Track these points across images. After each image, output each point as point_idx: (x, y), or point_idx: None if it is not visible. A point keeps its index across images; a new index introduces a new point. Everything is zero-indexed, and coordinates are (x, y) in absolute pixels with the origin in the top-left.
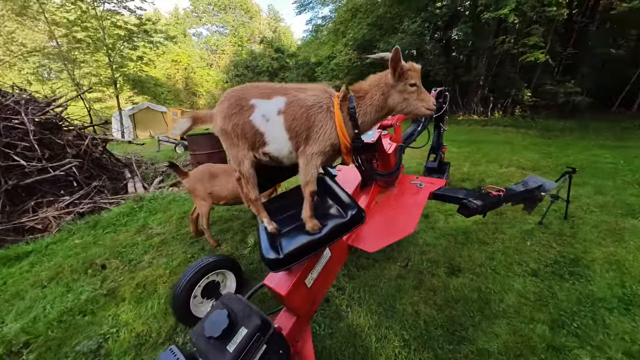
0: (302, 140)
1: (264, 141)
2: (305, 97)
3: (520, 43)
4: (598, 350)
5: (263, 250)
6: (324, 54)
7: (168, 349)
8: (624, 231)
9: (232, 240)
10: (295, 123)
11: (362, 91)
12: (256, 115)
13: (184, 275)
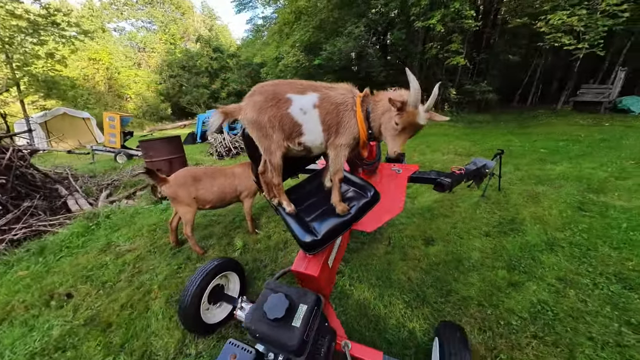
0: (332, 133)
1: (301, 132)
2: (335, 94)
3: (445, 49)
4: (540, 279)
5: (299, 235)
6: (269, 54)
7: (227, 342)
8: (539, 195)
9: (218, 244)
10: (329, 117)
11: (379, 101)
12: (294, 108)
13: (191, 283)
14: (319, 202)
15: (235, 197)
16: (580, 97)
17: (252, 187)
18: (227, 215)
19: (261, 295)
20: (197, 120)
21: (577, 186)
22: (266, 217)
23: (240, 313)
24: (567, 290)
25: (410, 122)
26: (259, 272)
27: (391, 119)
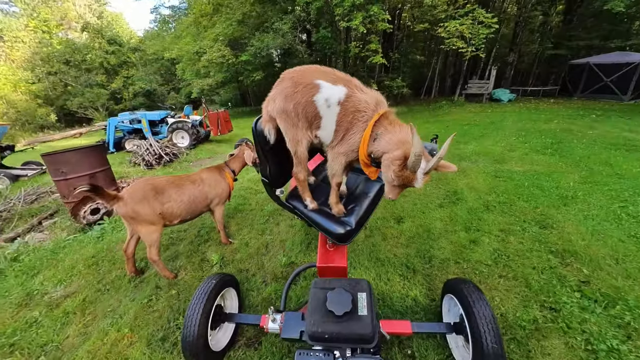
0: (339, 137)
1: (319, 125)
2: (361, 98)
3: (365, 48)
4: (489, 233)
5: (330, 229)
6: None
7: (296, 353)
8: (465, 170)
9: (189, 264)
10: (344, 119)
11: (389, 132)
12: (320, 97)
13: (193, 310)
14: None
15: (206, 207)
16: (468, 90)
17: (223, 194)
18: (189, 230)
19: (313, 298)
20: (107, 125)
21: (486, 160)
22: (235, 224)
23: (273, 325)
24: (508, 237)
25: (406, 183)
26: (249, 282)
27: (389, 167)
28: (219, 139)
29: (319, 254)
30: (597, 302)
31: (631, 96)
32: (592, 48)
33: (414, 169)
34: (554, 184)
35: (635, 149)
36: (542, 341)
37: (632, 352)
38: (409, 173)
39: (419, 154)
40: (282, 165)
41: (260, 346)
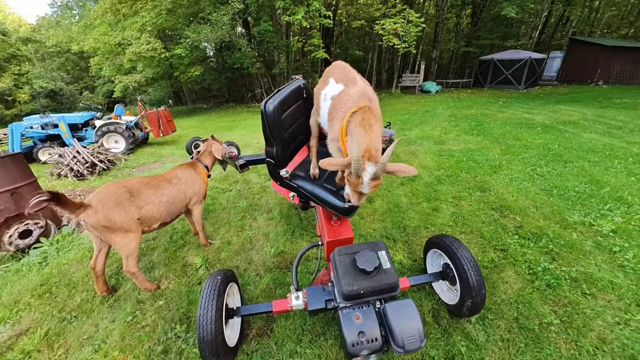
0: (331, 126)
1: (319, 112)
2: (349, 92)
3: (308, 43)
4: (446, 201)
5: (336, 204)
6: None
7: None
8: (414, 151)
9: (171, 272)
10: (332, 111)
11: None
12: (324, 91)
13: (206, 309)
14: (331, 175)
15: (185, 207)
16: (403, 83)
17: (201, 191)
18: (159, 238)
19: (340, 263)
20: (9, 133)
21: (429, 142)
22: (210, 224)
23: (297, 302)
24: (460, 202)
25: (355, 189)
26: (243, 277)
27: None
28: (161, 141)
29: (326, 230)
30: (529, 239)
31: (524, 86)
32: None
33: (357, 173)
34: (484, 157)
35: (534, 126)
36: (500, 274)
37: (557, 268)
38: (354, 178)
39: (357, 158)
40: (286, 147)
41: (272, 333)
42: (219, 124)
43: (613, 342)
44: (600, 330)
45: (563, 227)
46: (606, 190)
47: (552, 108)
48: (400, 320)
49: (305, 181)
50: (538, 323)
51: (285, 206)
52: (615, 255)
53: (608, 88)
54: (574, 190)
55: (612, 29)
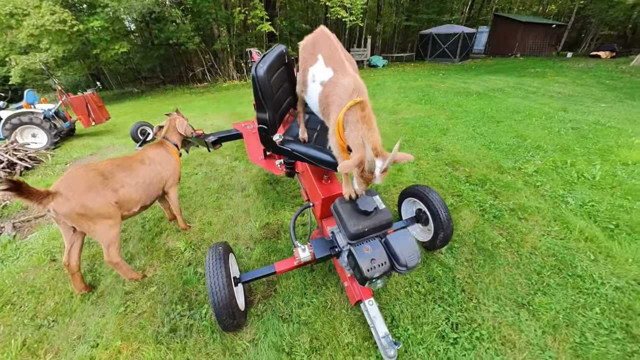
0: (325, 116)
1: (306, 90)
2: (340, 83)
3: (251, 15)
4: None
5: (329, 161)
6: None
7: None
8: None
9: (155, 259)
10: (323, 100)
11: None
12: (312, 69)
13: (216, 276)
14: (322, 133)
15: (161, 189)
16: None
17: (176, 172)
18: (129, 229)
19: (343, 210)
20: None
21: (385, 113)
22: (184, 208)
23: (305, 254)
24: (420, 162)
25: (368, 182)
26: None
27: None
28: (93, 131)
29: (320, 189)
30: (477, 184)
31: (459, 59)
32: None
33: (371, 170)
34: (433, 122)
35: (470, 94)
36: (459, 213)
37: (499, 203)
38: (367, 174)
39: (371, 160)
40: (277, 112)
41: (276, 293)
42: (159, 108)
43: (541, 247)
44: (532, 241)
45: (500, 172)
46: (528, 142)
47: (483, 78)
48: (400, 246)
49: (297, 144)
50: (490, 244)
51: (260, 182)
52: (538, 188)
53: (524, 60)
54: (505, 143)
55: (526, 6)
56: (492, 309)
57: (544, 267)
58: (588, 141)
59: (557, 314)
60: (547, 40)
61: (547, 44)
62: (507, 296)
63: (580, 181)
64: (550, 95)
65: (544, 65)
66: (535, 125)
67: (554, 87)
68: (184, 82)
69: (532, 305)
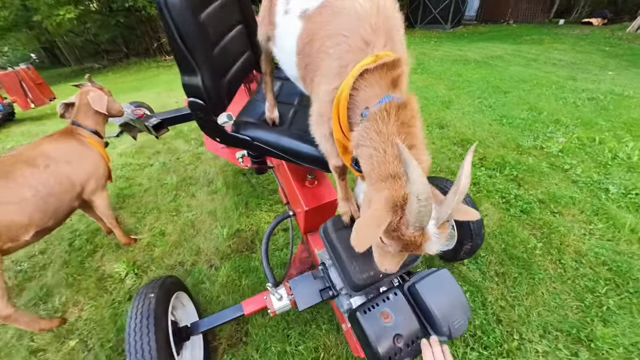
0: (308, 78)
1: (274, 35)
2: (345, 13)
3: None
4: None
5: (314, 154)
6: None
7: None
8: None
9: (80, 293)
10: (307, 49)
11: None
12: None
13: (140, 343)
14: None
15: (76, 199)
16: None
17: (98, 171)
18: (52, 248)
19: (340, 243)
20: None
21: None
22: (130, 214)
23: (282, 303)
24: None
25: (408, 249)
26: (192, 275)
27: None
28: (35, 114)
29: (301, 195)
30: (495, 169)
31: (450, 25)
32: None
33: (420, 224)
34: (433, 94)
35: (468, 62)
36: (480, 207)
37: (525, 192)
38: (409, 232)
39: (425, 196)
40: (219, 75)
41: (248, 337)
42: (122, 85)
43: (588, 253)
44: (575, 244)
45: (519, 153)
46: (545, 115)
47: (478, 45)
48: (439, 300)
49: (261, 130)
50: (524, 250)
51: (230, 172)
52: (567, 172)
53: (517, 26)
54: (519, 117)
55: None
56: (541, 347)
57: (596, 282)
58: (610, 113)
59: (627, 352)
60: (540, 6)
61: (539, 10)
62: (556, 327)
63: (615, 163)
64: (553, 63)
65: (539, 32)
66: (547, 95)
67: (553, 54)
68: (150, 55)
69: (593, 339)
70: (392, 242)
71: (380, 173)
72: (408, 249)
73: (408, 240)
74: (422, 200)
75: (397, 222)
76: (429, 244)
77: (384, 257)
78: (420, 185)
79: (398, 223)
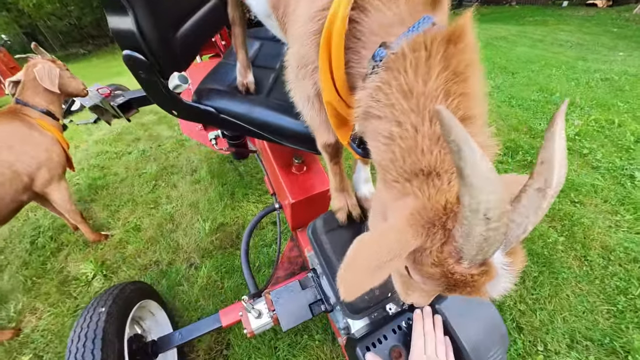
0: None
1: None
2: None
3: None
4: None
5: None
6: None
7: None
8: None
9: (38, 299)
10: None
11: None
12: None
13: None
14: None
15: (22, 192)
16: None
17: (52, 158)
18: (10, 247)
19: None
20: None
21: None
22: (102, 207)
23: (261, 321)
24: None
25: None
26: (169, 276)
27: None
28: None
29: (286, 184)
30: (506, 154)
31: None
32: None
33: (483, 256)
34: None
35: None
36: None
37: None
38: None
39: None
40: (171, 24)
41: (229, 350)
42: (104, 70)
43: (616, 248)
44: (600, 238)
45: (532, 137)
46: (557, 96)
47: (481, 26)
48: (470, 328)
49: (230, 99)
50: (544, 245)
51: (216, 160)
52: (586, 157)
53: (520, 8)
54: (530, 99)
55: None
56: None
57: (629, 282)
58: (626, 95)
59: None
60: None
61: None
62: (586, 335)
63: (638, 147)
64: (560, 44)
65: (542, 13)
66: (557, 76)
67: (560, 35)
68: None
69: (630, 351)
70: (428, 281)
71: (404, 166)
72: (456, 290)
73: (458, 280)
74: (492, 218)
75: (437, 250)
76: (494, 283)
77: (410, 287)
78: (490, 193)
79: (439, 252)
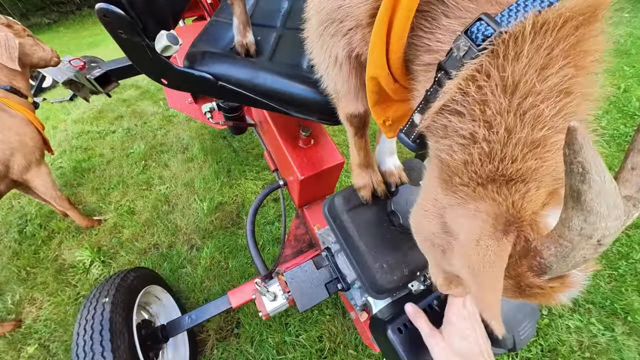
0: None
1: None
2: None
3: None
4: None
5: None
6: None
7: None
8: None
9: (35, 289)
10: None
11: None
12: None
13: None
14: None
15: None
16: None
17: (26, 142)
18: None
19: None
20: None
21: None
22: (91, 191)
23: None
24: None
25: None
26: (170, 259)
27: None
28: None
29: (293, 161)
30: None
31: None
32: None
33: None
34: None
35: None
36: None
37: None
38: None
39: (611, 239)
40: None
41: (240, 329)
42: (75, 41)
43: None
44: None
45: None
46: None
47: None
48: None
49: (228, 63)
50: None
51: (208, 136)
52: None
53: None
54: None
55: None
56: (572, 323)
57: (630, 247)
58: (633, 59)
59: None
60: None
61: None
62: (587, 298)
63: None
64: None
65: None
66: None
67: None
68: None
69: (630, 312)
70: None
71: (481, 170)
72: (523, 298)
73: (532, 291)
74: (605, 244)
75: (514, 262)
76: (568, 293)
77: (454, 282)
78: (614, 220)
79: (516, 265)
